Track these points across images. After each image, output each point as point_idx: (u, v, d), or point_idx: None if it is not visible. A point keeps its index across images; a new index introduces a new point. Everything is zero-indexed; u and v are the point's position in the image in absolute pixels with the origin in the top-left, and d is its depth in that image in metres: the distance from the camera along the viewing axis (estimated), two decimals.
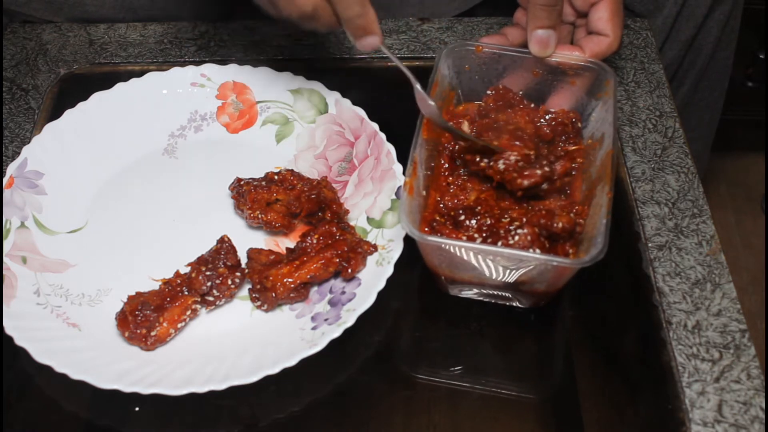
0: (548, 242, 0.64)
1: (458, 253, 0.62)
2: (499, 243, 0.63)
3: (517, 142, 0.66)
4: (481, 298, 0.69)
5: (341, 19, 0.63)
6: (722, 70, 1.05)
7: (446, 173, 0.71)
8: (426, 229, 0.66)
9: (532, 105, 0.73)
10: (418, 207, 0.66)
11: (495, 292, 0.68)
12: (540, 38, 0.69)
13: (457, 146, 0.70)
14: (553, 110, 0.73)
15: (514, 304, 0.69)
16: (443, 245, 0.62)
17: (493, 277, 0.64)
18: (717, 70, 1.04)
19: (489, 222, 0.65)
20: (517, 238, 0.63)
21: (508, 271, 0.63)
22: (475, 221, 0.65)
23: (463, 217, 0.65)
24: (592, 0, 0.74)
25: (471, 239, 0.64)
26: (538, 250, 0.62)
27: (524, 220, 0.64)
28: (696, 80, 1.03)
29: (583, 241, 0.64)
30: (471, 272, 0.65)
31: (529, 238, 0.63)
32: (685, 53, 0.99)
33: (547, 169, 0.66)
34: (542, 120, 0.72)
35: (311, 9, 0.62)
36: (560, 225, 0.63)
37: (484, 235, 0.64)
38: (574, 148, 0.71)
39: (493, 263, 0.62)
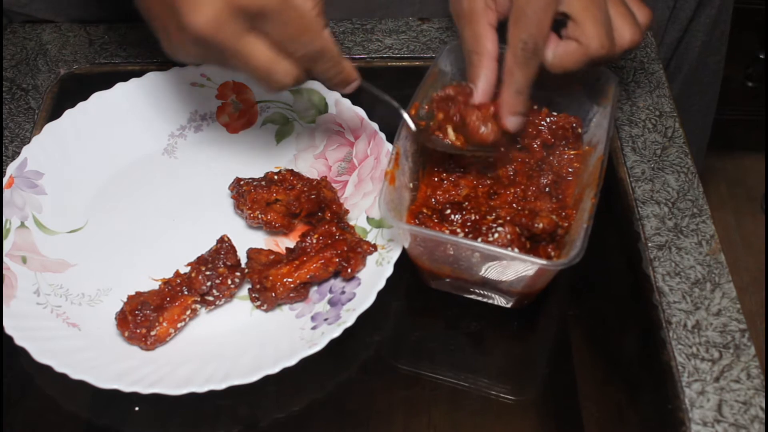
0: (530, 243, 0.64)
1: (436, 244, 0.63)
2: (479, 239, 0.63)
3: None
4: (462, 294, 0.69)
5: (322, 80, 0.64)
6: (712, 75, 1.04)
7: (439, 169, 0.71)
8: (413, 220, 0.66)
9: (535, 107, 0.73)
10: (400, 198, 0.67)
11: (474, 289, 0.68)
12: (513, 123, 0.68)
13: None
14: (554, 114, 0.72)
15: (495, 303, 0.68)
16: (418, 235, 0.63)
17: (471, 272, 0.64)
18: (707, 74, 1.03)
19: (474, 218, 0.65)
20: (496, 235, 0.63)
21: (482, 267, 0.63)
22: (459, 216, 0.65)
23: (449, 212, 0.66)
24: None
25: (453, 233, 0.64)
26: (516, 250, 0.62)
27: (508, 218, 0.64)
28: (684, 84, 1.03)
29: (567, 245, 0.64)
30: (449, 265, 0.65)
31: (508, 236, 0.63)
32: (671, 56, 0.99)
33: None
34: (543, 123, 0.72)
35: (293, 82, 0.62)
36: (540, 226, 0.63)
37: (466, 230, 0.64)
38: (573, 153, 0.71)
39: (471, 259, 0.62)
